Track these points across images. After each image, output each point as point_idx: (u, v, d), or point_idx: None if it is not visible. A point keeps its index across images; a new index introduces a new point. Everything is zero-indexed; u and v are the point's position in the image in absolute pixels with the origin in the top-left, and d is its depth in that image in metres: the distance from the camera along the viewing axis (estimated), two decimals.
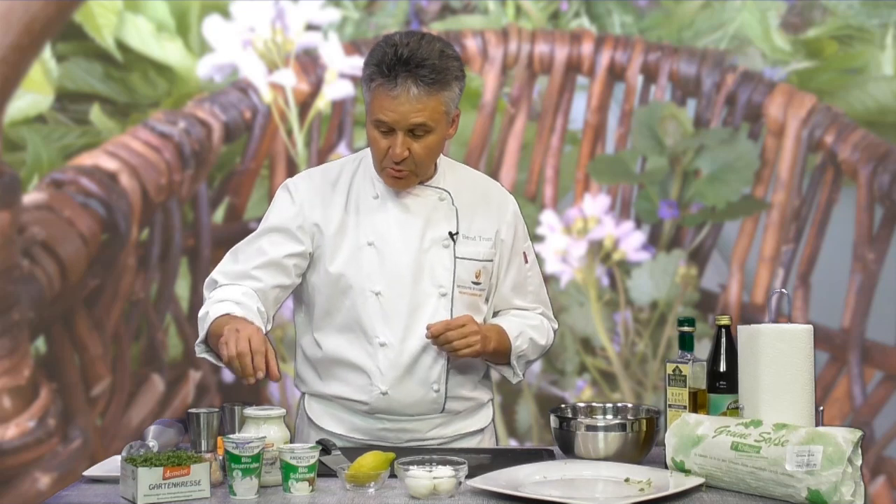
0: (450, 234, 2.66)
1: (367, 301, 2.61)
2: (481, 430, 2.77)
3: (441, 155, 2.71)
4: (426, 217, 2.65)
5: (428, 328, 2.57)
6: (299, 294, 2.73)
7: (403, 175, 2.58)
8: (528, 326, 2.73)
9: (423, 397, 2.64)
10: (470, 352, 2.58)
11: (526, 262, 2.78)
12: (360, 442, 2.66)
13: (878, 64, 4.79)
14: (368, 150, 2.71)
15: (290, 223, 2.64)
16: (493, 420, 2.82)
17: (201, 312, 2.56)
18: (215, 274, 2.66)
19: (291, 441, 2.33)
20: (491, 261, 2.70)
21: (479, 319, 2.69)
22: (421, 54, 2.50)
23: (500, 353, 2.67)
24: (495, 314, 2.78)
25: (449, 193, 2.68)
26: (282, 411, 2.32)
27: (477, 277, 2.68)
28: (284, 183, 2.71)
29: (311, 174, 2.74)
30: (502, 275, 2.74)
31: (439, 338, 2.55)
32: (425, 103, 2.51)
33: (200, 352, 2.56)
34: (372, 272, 2.62)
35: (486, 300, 2.73)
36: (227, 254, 2.69)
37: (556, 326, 2.85)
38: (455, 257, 2.65)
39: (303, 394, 2.78)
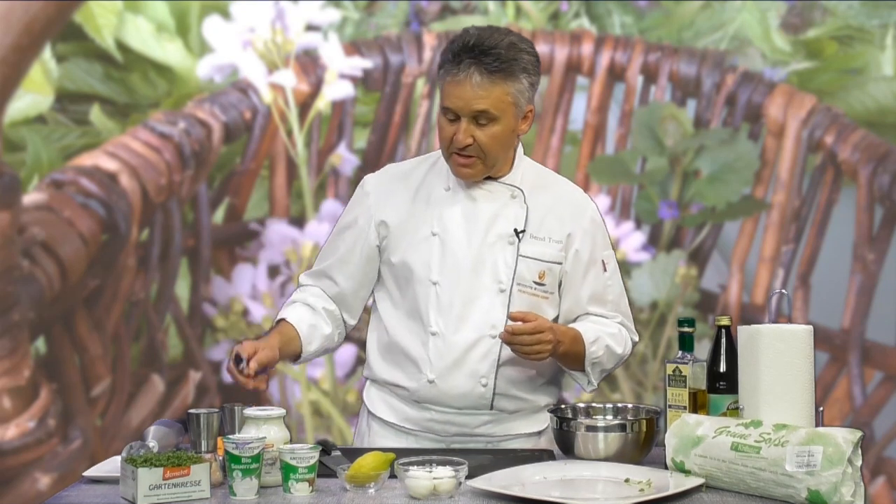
0: (515, 231, 2.64)
1: (425, 290, 2.62)
2: (538, 433, 2.71)
3: (523, 155, 2.70)
4: (494, 212, 2.64)
5: (510, 317, 2.52)
6: (377, 286, 2.77)
7: (469, 163, 2.58)
8: (605, 333, 2.66)
9: (470, 390, 2.62)
10: (537, 359, 2.54)
11: (605, 270, 2.71)
12: (409, 431, 2.67)
13: (878, 64, 4.80)
14: None
15: (361, 220, 2.70)
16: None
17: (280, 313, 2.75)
18: (304, 276, 2.80)
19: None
20: (559, 263, 2.65)
21: None
22: (488, 43, 2.52)
23: (571, 356, 2.62)
24: (574, 320, 2.72)
25: (522, 192, 2.66)
26: (282, 412, 2.32)
27: (540, 278, 2.64)
28: (361, 180, 2.78)
29: (387, 169, 2.79)
30: (578, 282, 2.67)
31: (513, 338, 2.50)
32: (489, 90, 2.52)
33: None
34: (432, 262, 2.62)
35: (555, 304, 2.67)
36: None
37: (636, 339, 2.77)
38: (518, 255, 2.63)
39: (365, 379, 2.80)
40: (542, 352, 2.52)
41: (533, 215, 2.65)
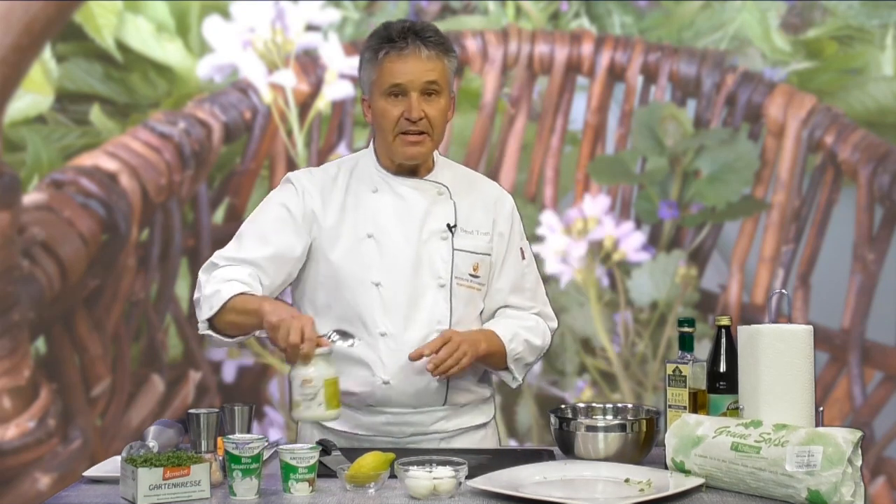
0: (448, 226, 2.68)
1: (367, 292, 2.63)
2: (484, 425, 2.78)
3: (438, 154, 2.75)
4: (425, 210, 2.68)
5: (411, 358, 2.56)
6: (298, 290, 2.74)
7: (420, 139, 2.62)
8: (522, 328, 2.73)
9: (425, 387, 2.64)
10: (465, 363, 2.57)
11: (523, 258, 2.79)
12: (363, 438, 2.67)
13: (878, 64, 4.79)
14: (366, 150, 2.76)
15: (295, 212, 2.66)
16: (494, 416, 2.83)
17: (207, 290, 2.56)
18: (216, 258, 2.65)
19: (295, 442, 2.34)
20: (489, 255, 2.72)
21: (475, 314, 2.72)
22: (423, 25, 2.66)
23: (494, 354, 2.67)
24: (492, 315, 2.78)
25: (447, 188, 2.71)
26: (328, 349, 2.34)
27: (475, 270, 2.69)
28: (286, 176, 2.74)
29: (311, 170, 2.78)
30: (498, 270, 2.75)
31: (439, 367, 2.54)
32: (435, 63, 2.61)
33: (204, 329, 2.58)
34: (371, 264, 2.64)
35: (484, 295, 2.74)
36: (233, 239, 2.69)
37: (553, 325, 2.84)
38: (453, 249, 2.67)
39: None
40: (466, 354, 2.56)
41: (460, 210, 2.71)
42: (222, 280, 2.57)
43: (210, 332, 2.58)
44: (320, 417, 2.35)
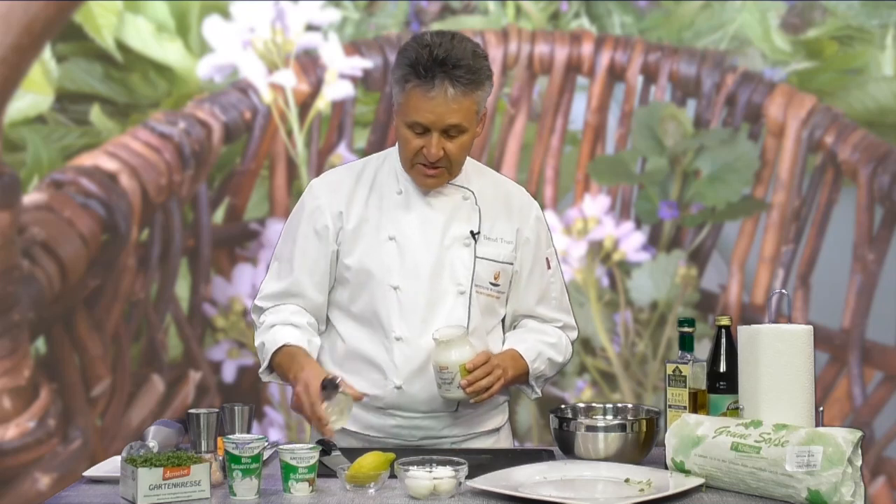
0: (471, 233, 2.66)
1: (385, 295, 2.62)
2: (496, 430, 2.77)
3: (468, 158, 2.72)
4: (449, 215, 2.66)
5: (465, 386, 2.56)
6: None
7: (437, 173, 2.60)
8: (545, 345, 2.71)
9: (437, 394, 2.62)
10: (496, 390, 2.57)
11: (549, 268, 2.76)
12: (373, 440, 2.66)
13: (878, 64, 4.79)
14: (393, 148, 2.73)
15: (321, 229, 2.66)
16: (508, 420, 2.82)
17: (258, 341, 2.67)
18: (259, 301, 2.72)
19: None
20: (511, 264, 2.69)
21: (494, 322, 2.71)
22: (456, 55, 2.53)
23: (517, 377, 2.67)
24: (514, 325, 2.77)
25: (473, 193, 2.69)
26: (462, 331, 2.53)
27: (496, 279, 2.67)
28: (310, 183, 2.75)
29: (336, 170, 2.79)
30: (524, 280, 2.72)
31: (472, 386, 2.53)
32: (461, 103, 2.53)
33: (266, 377, 2.68)
34: (392, 266, 2.62)
35: (504, 303, 2.73)
36: (270, 268, 2.74)
37: (574, 336, 2.82)
38: (475, 257, 2.65)
39: None
40: (499, 379, 2.56)
41: (485, 217, 2.68)
42: (267, 328, 2.65)
43: (270, 379, 2.69)
44: (460, 398, 2.55)
